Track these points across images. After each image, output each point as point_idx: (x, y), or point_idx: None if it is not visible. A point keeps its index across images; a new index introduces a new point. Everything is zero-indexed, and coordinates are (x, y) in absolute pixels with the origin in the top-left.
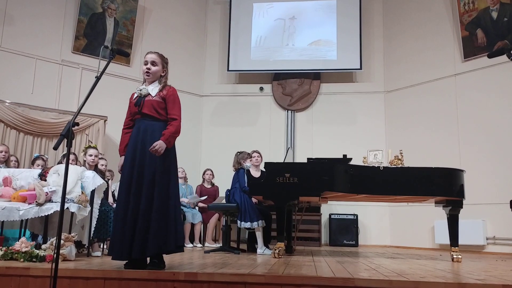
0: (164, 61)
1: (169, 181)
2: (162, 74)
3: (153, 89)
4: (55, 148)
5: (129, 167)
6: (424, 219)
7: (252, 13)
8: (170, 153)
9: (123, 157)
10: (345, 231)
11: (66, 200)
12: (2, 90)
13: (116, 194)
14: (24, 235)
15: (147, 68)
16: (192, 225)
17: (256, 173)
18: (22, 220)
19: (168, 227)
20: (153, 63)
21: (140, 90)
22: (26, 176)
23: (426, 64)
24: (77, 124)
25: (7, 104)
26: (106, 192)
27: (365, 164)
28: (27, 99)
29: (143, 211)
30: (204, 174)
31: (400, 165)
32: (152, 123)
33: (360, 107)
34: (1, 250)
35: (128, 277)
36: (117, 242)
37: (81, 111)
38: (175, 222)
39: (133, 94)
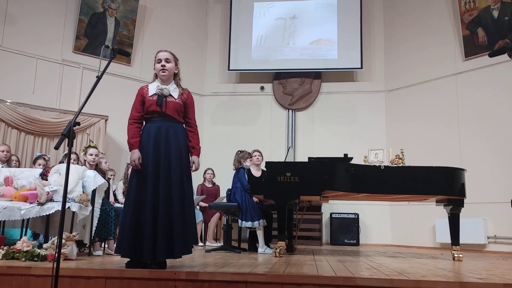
0: (176, 59)
1: (191, 183)
2: (176, 72)
3: (174, 91)
4: (56, 147)
5: (153, 167)
6: (425, 218)
7: (252, 12)
8: (188, 156)
9: (137, 150)
10: (346, 230)
11: (67, 199)
12: (3, 90)
13: (117, 193)
14: (25, 235)
15: (162, 66)
16: None
17: (257, 173)
18: (23, 220)
19: (195, 228)
20: (167, 60)
21: (162, 90)
22: (27, 176)
23: (427, 63)
24: (78, 123)
25: (8, 103)
26: (107, 192)
27: (366, 163)
28: (28, 98)
29: (176, 212)
30: (205, 173)
31: (401, 164)
32: (174, 125)
33: (361, 106)
34: (3, 250)
35: (130, 276)
36: (149, 244)
37: (82, 111)
38: (195, 223)
39: (143, 89)
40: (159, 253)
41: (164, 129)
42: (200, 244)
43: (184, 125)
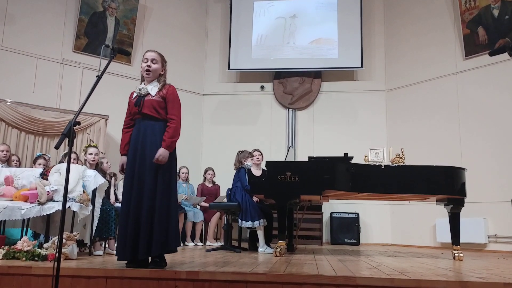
0: (163, 60)
1: (170, 182)
2: (161, 73)
3: (153, 89)
4: (57, 147)
5: (129, 168)
6: (425, 217)
7: (252, 11)
8: (171, 154)
9: (124, 157)
10: (347, 230)
11: (67, 199)
12: (3, 89)
13: (118, 193)
14: (26, 234)
15: (147, 66)
16: (194, 223)
17: (257, 172)
18: (24, 219)
19: (169, 227)
20: (154, 61)
21: (140, 90)
22: (27, 175)
23: (427, 62)
24: (78, 123)
25: (8, 103)
26: (107, 191)
27: (367, 163)
28: (28, 98)
29: (146, 212)
30: (205, 173)
31: (402, 164)
32: (152, 124)
33: (361, 105)
34: (3, 249)
35: (130, 276)
36: (121, 243)
37: (82, 110)
38: (176, 222)
39: (132, 93)
40: (126, 253)
41: (142, 131)
42: (200, 243)
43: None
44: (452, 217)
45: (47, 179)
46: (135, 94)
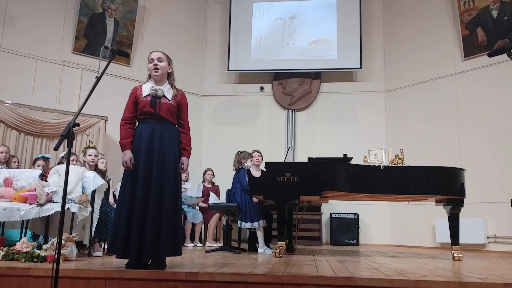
0: (169, 58)
1: (180, 186)
2: (169, 71)
3: (168, 92)
4: (56, 148)
5: (143, 168)
6: (424, 218)
7: (252, 12)
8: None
9: (129, 151)
10: (346, 230)
11: (67, 200)
12: (2, 91)
13: (116, 194)
14: (25, 236)
15: (154, 65)
16: (193, 224)
17: (256, 173)
18: (23, 221)
19: (180, 231)
20: (159, 59)
21: (156, 91)
22: (27, 177)
23: (426, 63)
24: (78, 124)
25: (7, 104)
26: (107, 192)
27: (366, 164)
28: (28, 99)
29: (166, 213)
30: (205, 174)
31: (401, 164)
32: (168, 127)
33: (360, 106)
34: (3, 251)
35: (129, 277)
36: (135, 242)
37: (81, 112)
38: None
39: (137, 89)
40: (145, 254)
41: (158, 131)
42: (200, 244)
43: (177, 126)
44: (451, 218)
45: (46, 181)
46: (147, 92)
